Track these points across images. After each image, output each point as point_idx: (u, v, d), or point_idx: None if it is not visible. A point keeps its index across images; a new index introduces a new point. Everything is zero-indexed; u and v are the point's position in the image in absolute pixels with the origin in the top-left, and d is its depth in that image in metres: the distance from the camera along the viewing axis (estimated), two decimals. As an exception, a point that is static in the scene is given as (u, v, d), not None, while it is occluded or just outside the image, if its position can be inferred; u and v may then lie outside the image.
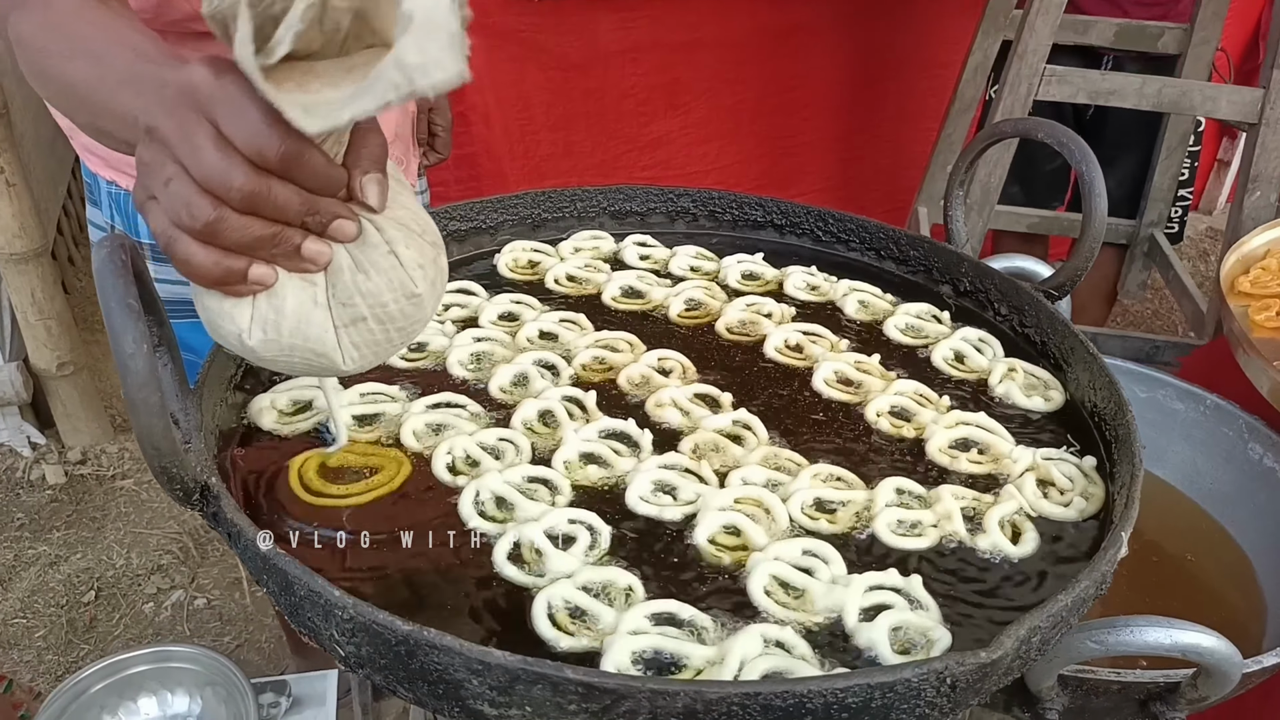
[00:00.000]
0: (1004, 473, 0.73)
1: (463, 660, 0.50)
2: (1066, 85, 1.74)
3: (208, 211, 0.51)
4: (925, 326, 0.91)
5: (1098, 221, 0.83)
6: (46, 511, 2.17)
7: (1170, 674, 0.84)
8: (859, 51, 2.46)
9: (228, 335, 0.57)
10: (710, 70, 2.28)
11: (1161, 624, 0.67)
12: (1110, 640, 0.65)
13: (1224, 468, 1.35)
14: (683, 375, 0.83)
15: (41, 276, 2.14)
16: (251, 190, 0.51)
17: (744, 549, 0.64)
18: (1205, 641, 0.66)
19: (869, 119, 2.55)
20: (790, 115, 2.41)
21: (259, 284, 0.55)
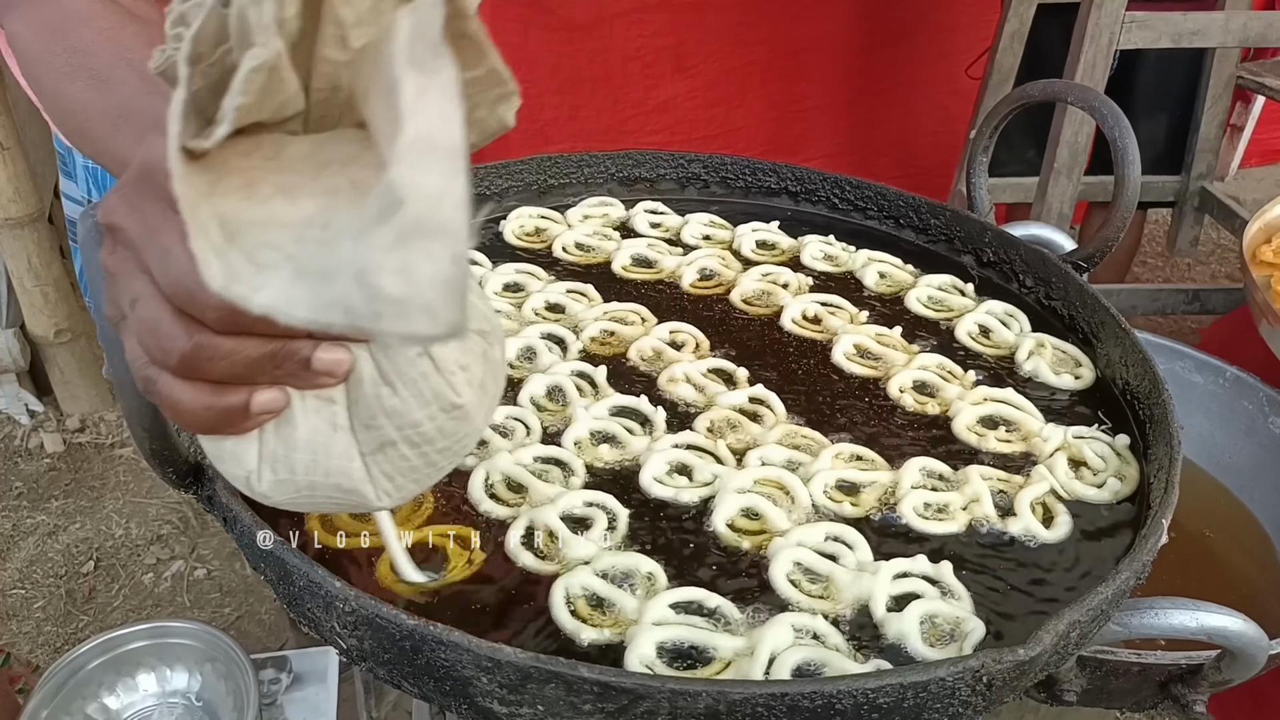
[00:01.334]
0: (1034, 451, 0.70)
1: (471, 657, 0.47)
2: (1149, 30, 1.69)
3: (182, 341, 0.38)
4: (948, 299, 0.87)
5: (1131, 189, 0.79)
6: (45, 480, 2.15)
7: (1193, 656, 0.81)
8: (867, 14, 2.40)
9: (235, 478, 0.45)
10: (718, 32, 2.22)
11: (1187, 606, 0.64)
12: (1134, 623, 0.62)
13: (1244, 442, 1.33)
14: (696, 349, 0.79)
15: (38, 242, 2.10)
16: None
17: (764, 533, 0.61)
18: (1233, 625, 0.63)
19: (878, 83, 2.49)
20: (799, 79, 2.35)
21: (268, 413, 0.42)
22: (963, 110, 2.36)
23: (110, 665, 1.12)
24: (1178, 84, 2.17)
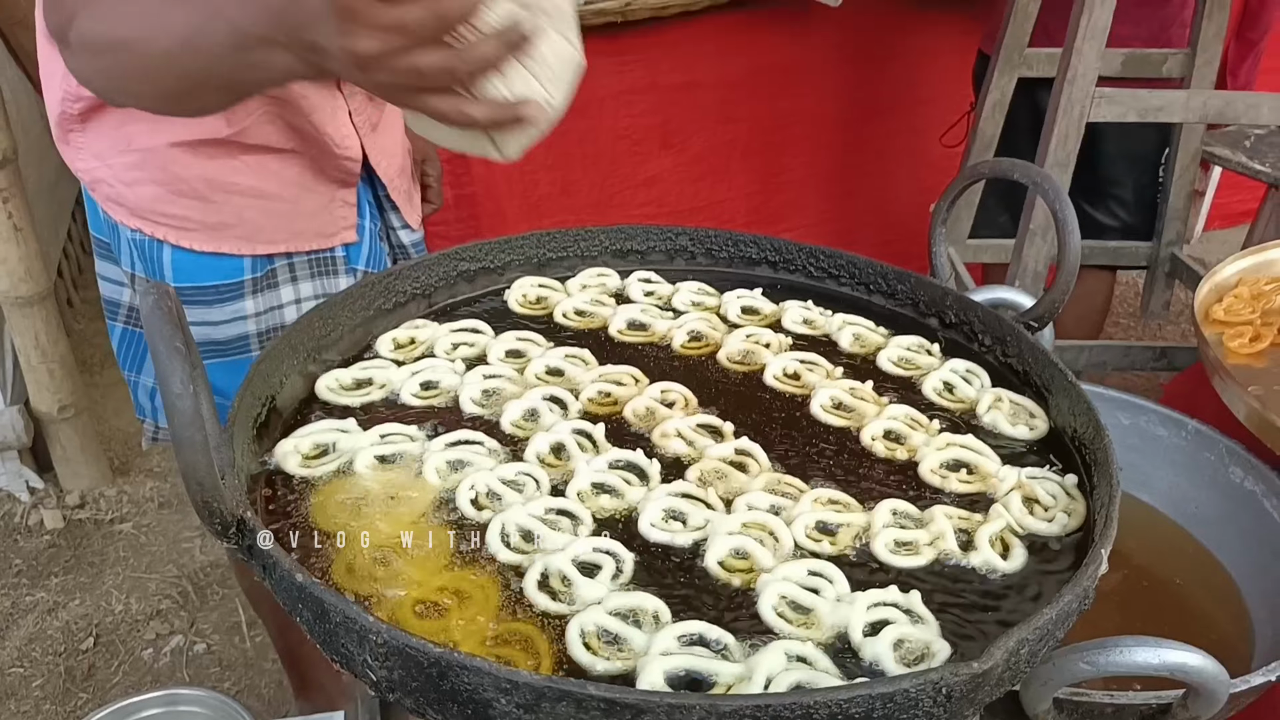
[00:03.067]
0: (991, 491, 0.77)
1: (492, 680, 0.53)
2: (1117, 105, 1.80)
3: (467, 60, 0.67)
4: (916, 358, 0.95)
5: (1072, 254, 0.88)
6: (45, 557, 2.18)
7: (1161, 695, 0.87)
8: (845, 91, 2.53)
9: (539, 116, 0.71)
10: (703, 110, 2.35)
11: (1150, 644, 0.70)
12: (1101, 661, 0.68)
13: (1208, 492, 1.39)
14: (685, 406, 0.86)
15: (46, 320, 2.17)
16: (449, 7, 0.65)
17: (752, 571, 0.68)
18: (1192, 660, 0.69)
19: (856, 156, 2.62)
20: (781, 153, 2.48)
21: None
22: (937, 181, 2.49)
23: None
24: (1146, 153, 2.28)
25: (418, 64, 0.66)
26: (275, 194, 1.18)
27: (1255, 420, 1.28)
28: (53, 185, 3.10)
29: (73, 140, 1.16)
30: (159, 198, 1.16)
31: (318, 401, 0.86)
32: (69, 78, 1.13)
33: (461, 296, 1.04)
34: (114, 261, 1.25)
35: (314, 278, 1.26)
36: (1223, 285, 1.59)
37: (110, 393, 2.73)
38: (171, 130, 1.13)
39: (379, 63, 0.66)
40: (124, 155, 1.15)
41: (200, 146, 1.14)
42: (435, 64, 0.66)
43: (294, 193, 1.19)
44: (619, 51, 2.09)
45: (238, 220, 1.18)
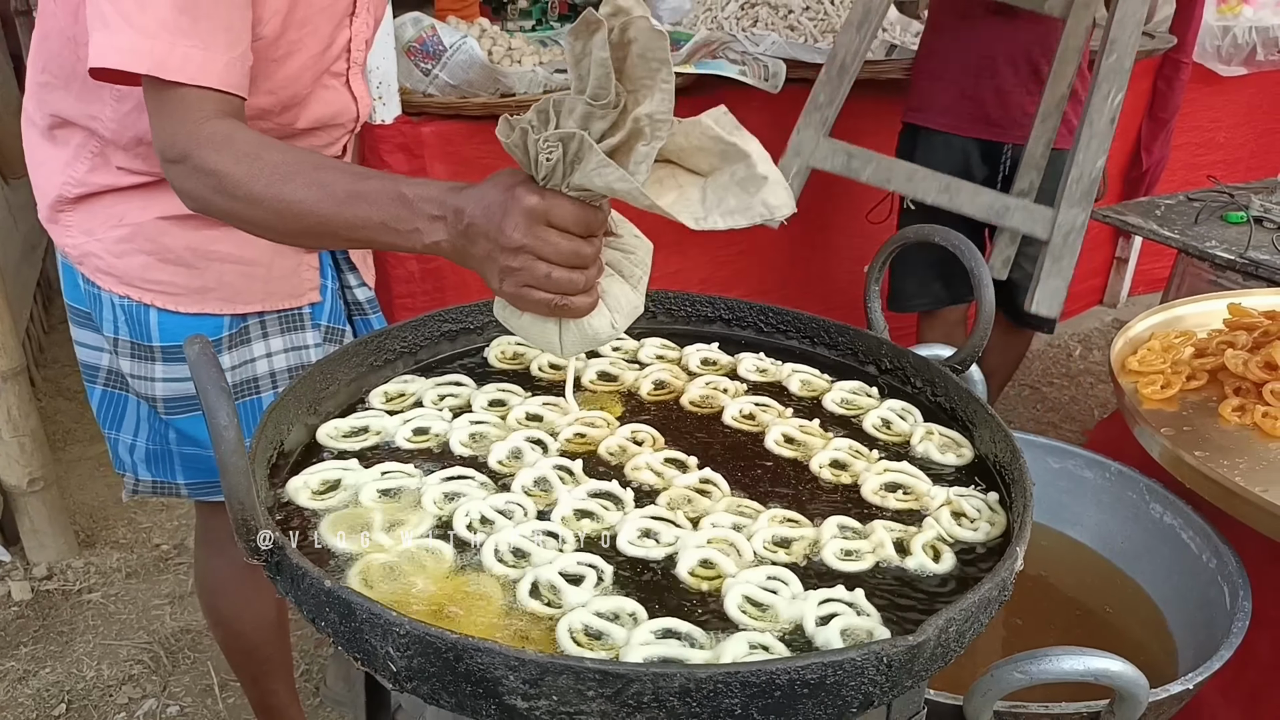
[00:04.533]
0: (925, 507, 0.88)
1: (501, 659, 0.62)
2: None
3: (579, 278, 0.87)
4: (857, 400, 1.07)
5: (986, 307, 1.01)
6: (13, 628, 2.18)
7: (1091, 705, 0.97)
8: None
9: (605, 336, 0.94)
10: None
11: (1076, 653, 0.81)
12: (1033, 670, 0.79)
13: (1131, 527, 1.51)
14: (653, 444, 0.97)
15: (18, 394, 2.22)
16: (590, 252, 0.87)
17: (718, 577, 0.78)
18: (1114, 667, 0.80)
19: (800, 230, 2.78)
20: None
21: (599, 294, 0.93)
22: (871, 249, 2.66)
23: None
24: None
25: (554, 275, 0.86)
26: (253, 259, 1.29)
27: (1169, 458, 1.42)
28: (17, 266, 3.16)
29: (62, 219, 1.25)
30: (148, 266, 1.25)
31: (319, 447, 0.94)
32: (72, 168, 1.22)
33: (444, 354, 1.14)
34: (94, 329, 1.33)
35: (284, 333, 1.36)
36: (1136, 339, 1.75)
37: (73, 468, 2.75)
38: (161, 206, 1.23)
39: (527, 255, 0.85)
40: (115, 230, 1.24)
41: (187, 219, 1.24)
42: (564, 278, 0.86)
43: (268, 258, 1.31)
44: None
45: (219, 284, 1.28)
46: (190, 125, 1.00)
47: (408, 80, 2.04)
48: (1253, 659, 1.30)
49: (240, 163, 0.96)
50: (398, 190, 0.90)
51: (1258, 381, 1.50)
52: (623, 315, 0.94)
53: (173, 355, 1.30)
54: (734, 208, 0.86)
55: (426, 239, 0.89)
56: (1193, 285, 2.30)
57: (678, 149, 0.89)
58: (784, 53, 2.46)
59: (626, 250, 0.96)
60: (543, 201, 0.84)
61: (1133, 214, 2.38)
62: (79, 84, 1.17)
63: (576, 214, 0.85)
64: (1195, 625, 1.36)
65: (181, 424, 1.35)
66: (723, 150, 0.88)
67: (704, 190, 0.89)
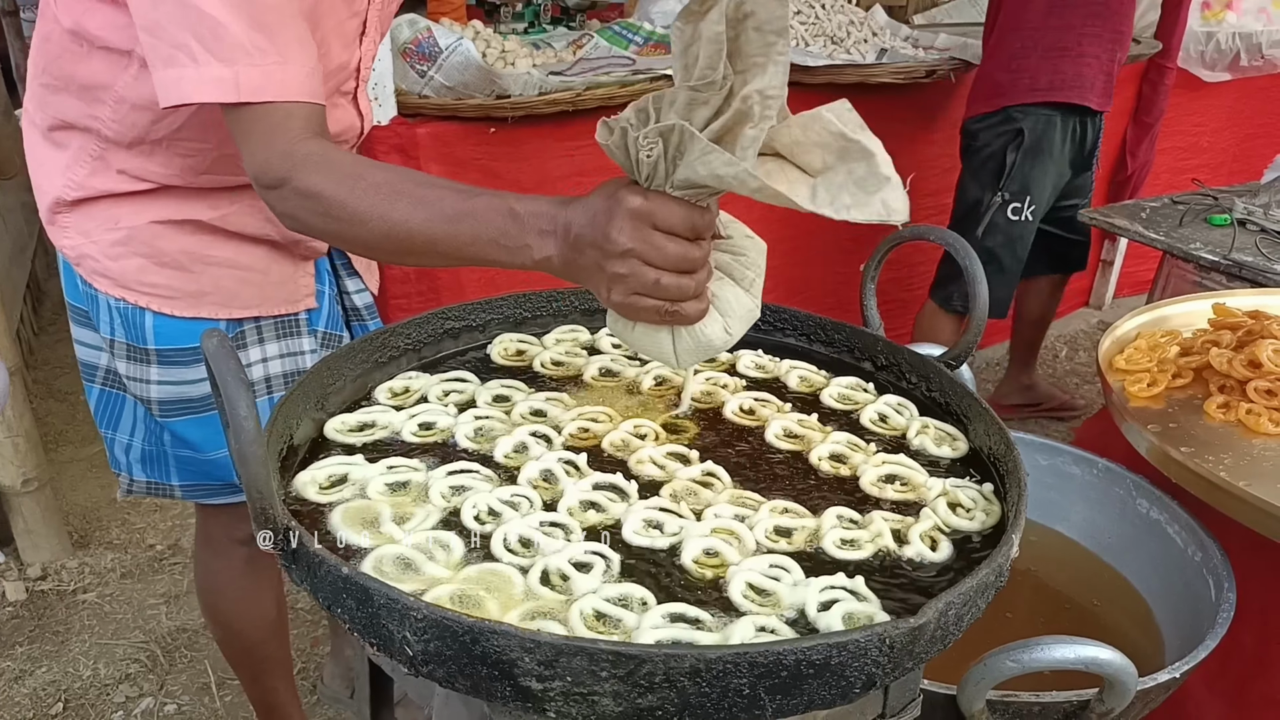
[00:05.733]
0: (922, 498, 0.90)
1: (517, 641, 0.64)
2: None
3: (690, 285, 0.85)
4: (854, 395, 1.09)
5: (981, 305, 1.04)
6: (8, 628, 2.18)
7: (1081, 693, 1.00)
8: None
9: (719, 343, 0.92)
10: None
11: (1066, 641, 0.84)
12: (1025, 658, 0.82)
13: (1119, 523, 1.54)
14: (656, 439, 0.99)
15: (13, 394, 2.22)
16: (699, 256, 0.84)
17: (722, 565, 0.80)
18: (1103, 654, 0.83)
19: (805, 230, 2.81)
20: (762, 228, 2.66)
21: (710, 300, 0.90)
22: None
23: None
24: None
25: (662, 281, 0.83)
26: (248, 265, 1.30)
27: (1156, 454, 1.45)
28: (7, 268, 3.15)
29: (59, 221, 1.26)
30: (143, 269, 1.26)
31: (327, 442, 0.96)
32: (71, 171, 1.23)
33: (448, 351, 1.16)
34: (93, 328, 1.33)
35: (279, 339, 1.37)
36: (1123, 339, 1.78)
37: (66, 469, 2.75)
38: (157, 210, 1.24)
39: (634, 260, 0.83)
40: (111, 233, 1.25)
41: (183, 224, 1.25)
42: (673, 284, 0.84)
43: (264, 264, 1.32)
44: (571, 137, 2.26)
45: (215, 288, 1.29)
46: (284, 146, 0.98)
47: (403, 82, 2.06)
48: (1237, 650, 1.33)
49: (343, 184, 0.94)
50: (507, 206, 0.88)
51: (1241, 379, 1.54)
52: (736, 320, 0.92)
53: (168, 359, 1.31)
54: (849, 204, 0.80)
55: (537, 254, 0.87)
56: (1177, 286, 2.34)
57: (791, 143, 0.83)
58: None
59: (737, 252, 0.93)
60: (647, 203, 0.82)
61: (1119, 216, 2.42)
62: (78, 86, 1.18)
63: (683, 215, 0.82)
64: (1181, 617, 1.39)
65: (176, 427, 1.36)
66: (843, 148, 0.81)
67: (814, 188, 0.82)
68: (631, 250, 0.82)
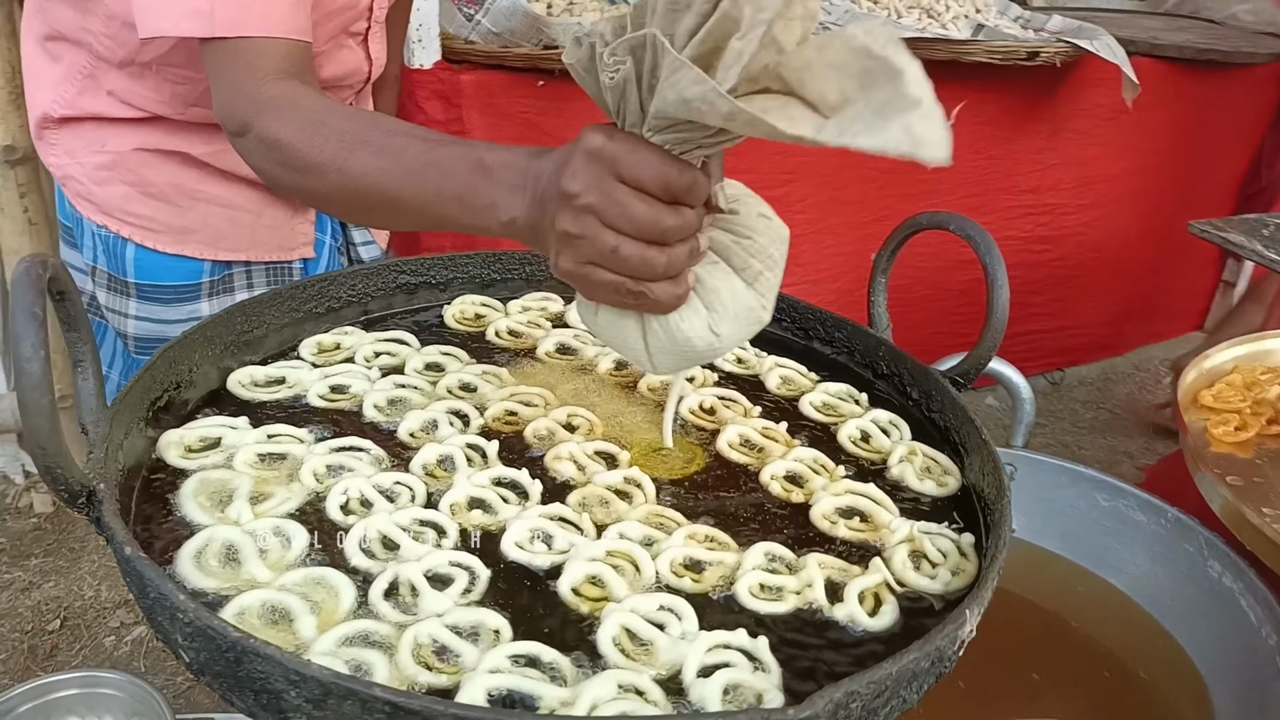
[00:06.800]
0: (881, 541, 0.74)
1: (282, 670, 0.52)
2: None
3: (659, 260, 0.65)
4: (840, 405, 0.93)
5: (999, 311, 0.86)
6: (29, 539, 2.21)
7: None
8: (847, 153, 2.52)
9: (702, 345, 0.72)
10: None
11: None
12: None
13: (1184, 584, 1.34)
14: (590, 432, 0.85)
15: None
16: (676, 224, 0.65)
17: (605, 599, 0.66)
18: None
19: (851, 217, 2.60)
20: (787, 206, 2.47)
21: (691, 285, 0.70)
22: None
23: (40, 710, 1.15)
24: None
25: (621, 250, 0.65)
26: (240, 205, 1.21)
27: (1230, 513, 1.23)
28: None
29: (47, 137, 1.20)
30: (128, 197, 1.19)
31: (227, 394, 0.86)
32: (62, 87, 1.17)
33: (399, 309, 1.04)
34: (78, 250, 1.28)
35: (269, 286, 1.28)
36: (1215, 372, 1.55)
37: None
38: (145, 138, 1.16)
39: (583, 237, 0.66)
40: (97, 155, 1.18)
41: (171, 155, 1.17)
42: (634, 254, 0.65)
43: (258, 206, 1.22)
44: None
45: (202, 226, 1.21)
46: (249, 88, 0.88)
47: (450, 25, 1.94)
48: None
49: (304, 130, 0.83)
50: (476, 157, 0.73)
51: (1351, 436, 1.30)
52: (727, 319, 0.71)
53: (147, 294, 1.24)
54: (861, 130, 0.57)
55: (503, 214, 0.71)
56: (1295, 318, 2.05)
57: (802, 66, 0.60)
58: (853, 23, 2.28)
59: (742, 234, 0.72)
60: (611, 144, 0.63)
61: (1235, 231, 2.12)
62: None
63: (656, 166, 0.63)
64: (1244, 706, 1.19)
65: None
66: (865, 69, 0.58)
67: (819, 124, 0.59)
68: (587, 204, 0.64)
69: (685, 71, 0.58)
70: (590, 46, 0.64)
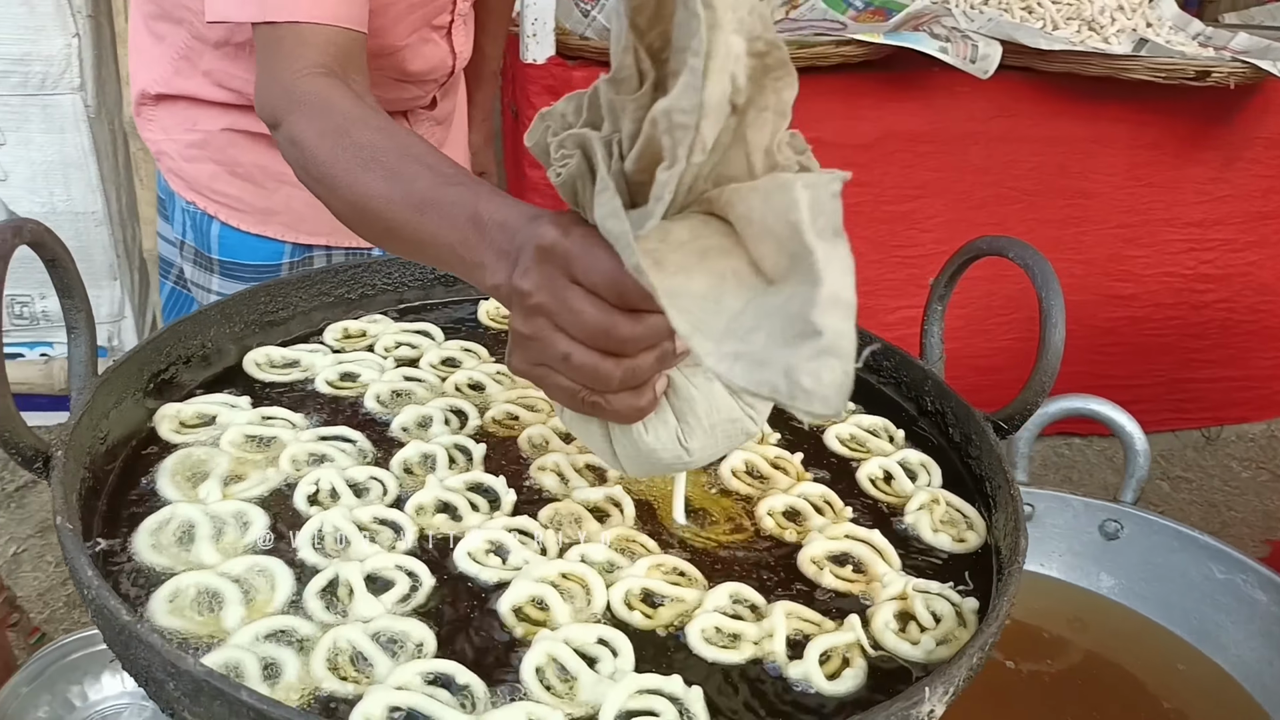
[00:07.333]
0: (869, 595, 0.67)
1: (160, 662, 0.50)
2: None
3: (615, 371, 0.57)
4: (869, 440, 0.85)
5: (1052, 352, 0.76)
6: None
7: None
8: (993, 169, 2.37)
9: (669, 458, 0.64)
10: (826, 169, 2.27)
11: None
12: None
13: (1306, 676, 1.18)
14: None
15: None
16: (633, 334, 0.56)
17: (545, 624, 0.62)
18: None
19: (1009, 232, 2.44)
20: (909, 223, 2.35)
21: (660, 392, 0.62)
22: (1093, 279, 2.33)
23: (95, 658, 1.21)
24: None
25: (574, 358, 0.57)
26: None
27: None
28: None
29: (144, 113, 1.26)
30: (216, 176, 1.23)
31: (241, 373, 0.87)
32: (160, 65, 1.22)
33: (435, 300, 1.03)
34: (170, 224, 1.34)
35: None
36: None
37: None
38: (235, 119, 1.20)
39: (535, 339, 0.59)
40: (188, 134, 1.23)
41: (258, 137, 1.20)
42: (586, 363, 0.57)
43: None
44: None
45: (284, 208, 1.24)
46: (287, 79, 0.86)
47: (566, 19, 1.94)
48: None
49: (325, 137, 0.78)
50: (474, 208, 0.65)
51: None
52: (701, 433, 0.63)
53: (229, 271, 1.28)
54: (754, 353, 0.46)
55: (489, 278, 0.63)
56: None
57: (745, 216, 0.51)
58: (1001, 32, 2.12)
59: None
60: (564, 240, 0.56)
61: None
62: None
63: (608, 269, 0.53)
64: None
65: None
66: (794, 254, 0.47)
67: (746, 304, 0.49)
68: (537, 304, 0.57)
69: (607, 197, 0.50)
70: (545, 129, 0.57)
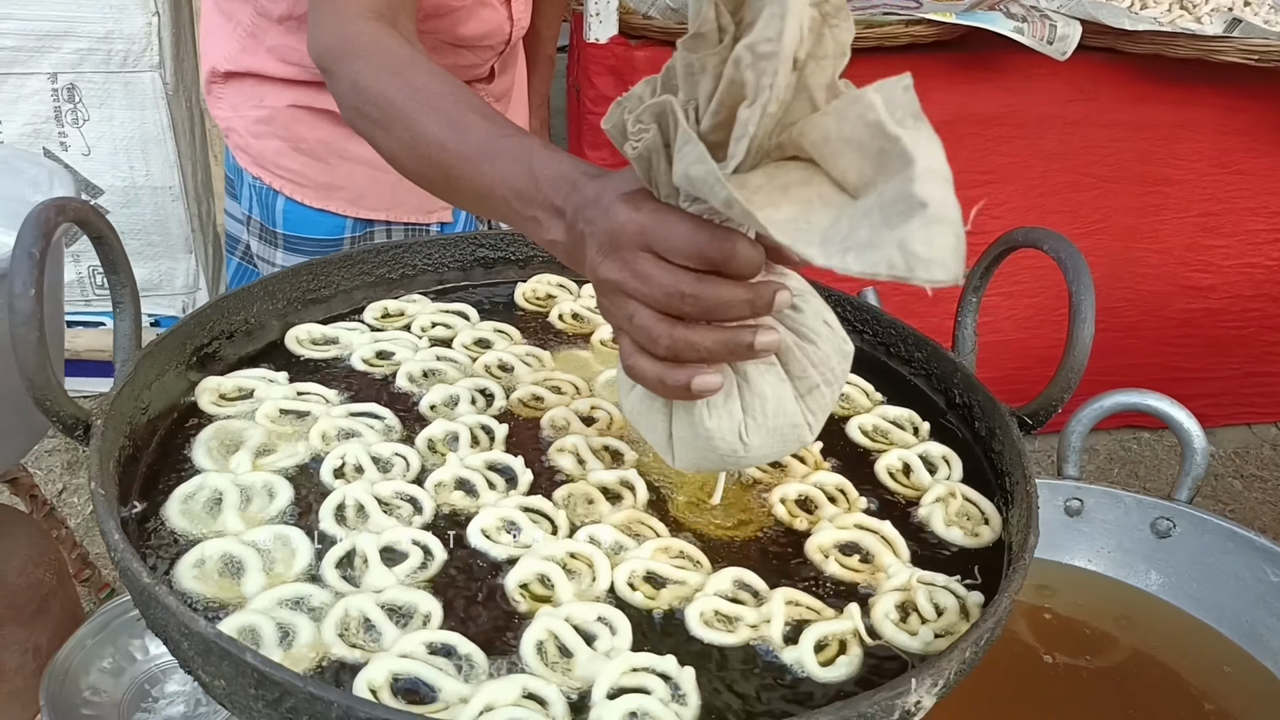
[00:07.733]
0: (873, 585, 0.67)
1: (175, 623, 0.53)
2: None
3: (665, 336, 0.58)
4: (892, 433, 0.84)
5: (1080, 348, 0.74)
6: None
7: None
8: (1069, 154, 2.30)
9: (724, 448, 0.63)
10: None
11: None
12: None
13: (1364, 688, 1.13)
14: (606, 428, 0.82)
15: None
16: (699, 292, 0.56)
17: (549, 600, 0.64)
18: None
19: (1072, 228, 2.37)
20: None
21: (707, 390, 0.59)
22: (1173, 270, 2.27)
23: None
24: None
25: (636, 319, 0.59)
26: (383, 166, 1.26)
27: None
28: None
29: (214, 90, 1.30)
30: (281, 151, 1.27)
31: (282, 348, 0.90)
32: (228, 43, 1.27)
33: (475, 281, 1.05)
34: (237, 201, 1.39)
35: None
36: None
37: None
38: (299, 96, 1.24)
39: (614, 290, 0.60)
40: (256, 110, 1.27)
41: (322, 113, 1.24)
42: (648, 326, 0.59)
43: None
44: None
45: (346, 183, 1.27)
46: (339, 24, 0.88)
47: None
48: None
49: (380, 76, 0.80)
50: (529, 160, 0.67)
51: None
52: (760, 430, 0.62)
53: (293, 245, 1.33)
54: (853, 244, 0.49)
55: (545, 232, 0.66)
56: None
57: (821, 140, 0.53)
58: (1082, 11, 2.05)
59: (804, 335, 0.63)
60: (637, 215, 0.58)
61: None
62: None
63: (686, 232, 0.56)
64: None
65: None
66: (880, 150, 0.50)
67: (837, 217, 0.52)
68: (615, 282, 0.59)
69: (691, 147, 0.52)
70: (621, 110, 0.58)
